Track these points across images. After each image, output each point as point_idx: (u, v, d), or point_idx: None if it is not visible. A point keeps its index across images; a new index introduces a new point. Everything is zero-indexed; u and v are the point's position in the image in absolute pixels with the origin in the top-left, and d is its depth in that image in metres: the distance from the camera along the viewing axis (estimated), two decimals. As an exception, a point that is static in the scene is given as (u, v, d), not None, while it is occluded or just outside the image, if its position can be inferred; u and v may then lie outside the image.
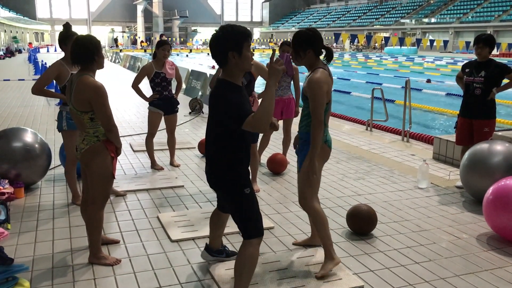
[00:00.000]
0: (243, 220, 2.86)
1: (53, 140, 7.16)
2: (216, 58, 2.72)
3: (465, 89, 5.40)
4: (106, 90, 3.32)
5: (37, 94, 4.38)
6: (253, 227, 2.85)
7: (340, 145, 7.51)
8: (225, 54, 2.65)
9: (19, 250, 3.72)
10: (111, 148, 3.40)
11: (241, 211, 2.86)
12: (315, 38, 3.25)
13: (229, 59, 2.66)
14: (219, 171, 2.84)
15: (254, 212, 2.87)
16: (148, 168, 6.10)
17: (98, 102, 3.26)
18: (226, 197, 2.96)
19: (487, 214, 4.07)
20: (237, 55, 2.65)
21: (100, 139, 3.36)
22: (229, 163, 2.80)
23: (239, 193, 2.82)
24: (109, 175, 3.41)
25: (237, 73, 2.73)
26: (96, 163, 3.36)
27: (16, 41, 46.41)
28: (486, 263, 3.62)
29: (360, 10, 68.81)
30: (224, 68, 2.72)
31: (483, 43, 5.17)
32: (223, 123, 2.72)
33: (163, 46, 5.75)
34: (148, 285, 3.24)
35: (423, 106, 13.13)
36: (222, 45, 2.65)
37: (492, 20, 47.26)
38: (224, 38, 2.65)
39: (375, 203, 4.86)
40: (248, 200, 2.84)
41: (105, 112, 3.28)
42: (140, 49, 51.06)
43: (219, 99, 2.70)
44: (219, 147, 2.79)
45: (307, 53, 3.25)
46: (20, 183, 4.94)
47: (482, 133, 5.25)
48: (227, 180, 2.83)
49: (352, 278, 3.33)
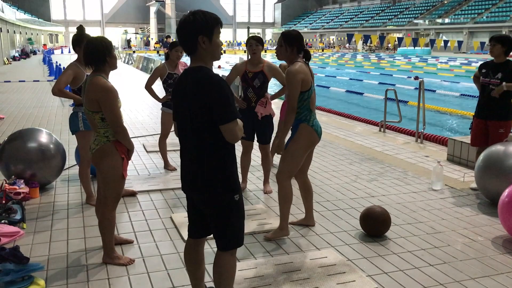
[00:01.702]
0: (226, 229, 2.59)
1: (67, 141, 7.22)
2: (184, 44, 2.51)
3: (481, 90, 5.34)
4: (116, 91, 3.34)
5: (58, 95, 4.41)
6: (235, 238, 2.62)
7: (353, 146, 7.48)
8: (194, 38, 2.46)
9: (34, 249, 3.77)
10: (122, 149, 3.40)
11: (227, 220, 2.58)
12: (300, 37, 3.84)
13: (199, 44, 2.46)
14: (209, 172, 2.52)
15: (240, 223, 2.64)
16: (161, 168, 6.13)
17: (106, 103, 3.28)
18: (210, 202, 2.59)
19: (502, 217, 4.02)
20: (207, 40, 2.46)
21: (110, 140, 3.37)
22: (220, 161, 2.52)
23: (228, 199, 2.55)
24: (119, 176, 3.41)
25: (207, 61, 2.53)
26: (106, 163, 3.37)
27: (31, 42, 46.94)
28: (502, 266, 3.57)
29: (373, 11, 68.41)
30: (194, 55, 2.51)
31: (494, 40, 5.11)
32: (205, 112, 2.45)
33: (176, 47, 5.77)
34: (161, 285, 3.25)
35: (437, 107, 13.02)
36: (192, 28, 2.45)
37: (507, 20, 46.63)
38: (194, 21, 2.45)
39: (388, 204, 4.83)
40: (237, 208, 2.59)
41: (113, 113, 3.30)
42: (153, 50, 51.33)
43: (208, 85, 2.42)
44: (205, 143, 2.49)
45: (293, 48, 3.79)
46: (35, 183, 4.99)
47: (497, 134, 5.19)
48: (217, 182, 2.52)
49: (366, 280, 3.31)
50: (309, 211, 4.26)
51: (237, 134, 2.46)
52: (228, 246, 2.62)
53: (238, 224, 2.62)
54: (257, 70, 4.85)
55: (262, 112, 4.93)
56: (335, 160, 6.58)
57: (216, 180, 2.53)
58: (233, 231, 2.61)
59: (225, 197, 2.55)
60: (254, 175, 5.79)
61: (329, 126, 8.99)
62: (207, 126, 2.47)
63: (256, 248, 3.84)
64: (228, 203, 2.56)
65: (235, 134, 2.45)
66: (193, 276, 2.88)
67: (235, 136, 2.46)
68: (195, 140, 2.52)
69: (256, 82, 4.86)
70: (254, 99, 4.90)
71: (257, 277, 3.32)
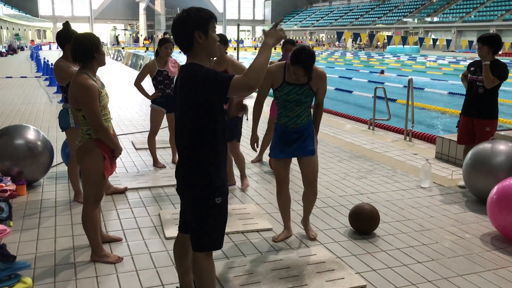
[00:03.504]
0: (200, 230, 2.53)
1: (55, 138, 7.15)
2: (180, 42, 2.48)
3: (468, 87, 5.39)
4: (95, 90, 3.27)
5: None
6: (212, 241, 2.55)
7: (343, 144, 7.50)
8: (190, 34, 2.42)
9: (21, 248, 3.72)
10: (104, 148, 3.36)
11: (205, 222, 2.51)
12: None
13: (195, 40, 2.43)
14: (189, 170, 2.51)
15: (221, 226, 2.57)
16: (150, 166, 6.10)
17: (84, 101, 3.24)
18: (189, 200, 2.56)
19: (491, 214, 4.06)
20: (203, 36, 2.43)
21: (92, 138, 3.34)
22: (201, 161, 2.48)
23: (208, 200, 2.49)
24: (99, 174, 3.37)
25: (204, 57, 2.49)
26: (86, 161, 3.34)
27: (18, 38, 46.44)
28: (489, 263, 3.61)
29: (363, 9, 68.70)
30: (190, 52, 2.48)
31: (481, 42, 5.14)
32: (197, 106, 2.42)
33: (165, 44, 5.75)
34: (150, 283, 3.23)
35: (426, 106, 13.11)
36: (187, 24, 2.42)
37: (495, 19, 47.13)
38: (188, 18, 2.43)
39: (377, 202, 4.85)
40: (216, 212, 2.52)
41: (90, 112, 3.25)
42: (142, 47, 51.04)
43: (192, 78, 2.40)
44: (194, 139, 2.48)
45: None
46: (22, 180, 4.94)
47: (483, 133, 5.23)
48: (196, 181, 2.49)
49: (355, 277, 3.33)
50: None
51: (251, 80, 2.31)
52: (201, 248, 2.55)
53: (215, 227, 2.54)
54: (221, 69, 4.65)
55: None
56: (325, 158, 6.59)
57: (196, 180, 2.50)
58: (207, 234, 2.53)
59: (204, 198, 2.49)
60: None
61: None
62: (192, 124, 2.46)
63: (246, 245, 3.84)
64: (206, 205, 2.49)
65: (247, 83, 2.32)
66: (179, 270, 2.91)
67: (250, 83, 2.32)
68: (185, 137, 2.52)
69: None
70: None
71: (247, 275, 3.32)
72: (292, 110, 3.64)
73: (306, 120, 3.68)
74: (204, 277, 2.59)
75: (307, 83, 3.58)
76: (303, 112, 3.66)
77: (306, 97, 3.62)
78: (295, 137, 3.69)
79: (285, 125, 3.69)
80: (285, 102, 3.64)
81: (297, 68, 3.47)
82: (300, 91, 3.60)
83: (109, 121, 3.46)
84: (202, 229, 2.53)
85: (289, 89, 3.60)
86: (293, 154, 3.74)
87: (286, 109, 3.65)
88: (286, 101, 3.64)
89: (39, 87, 15.08)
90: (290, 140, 3.69)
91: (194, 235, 2.56)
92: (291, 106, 3.63)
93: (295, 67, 3.48)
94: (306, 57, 3.43)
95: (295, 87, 3.59)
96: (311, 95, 3.65)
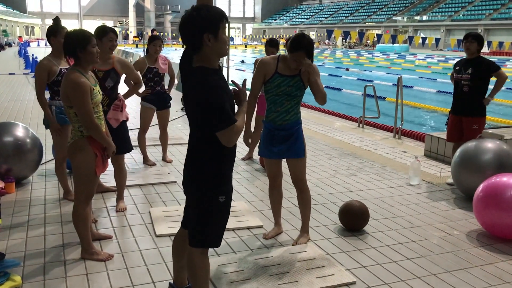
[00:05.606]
0: (203, 227, 2.52)
1: (44, 135, 7.10)
2: (188, 42, 2.40)
3: (454, 86, 5.46)
4: (87, 87, 3.23)
5: (40, 101, 4.30)
6: (210, 238, 2.55)
7: (332, 141, 7.54)
8: (199, 36, 2.33)
9: (10, 245, 3.70)
10: (96, 145, 3.35)
11: (205, 218, 2.51)
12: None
13: (204, 42, 2.34)
14: (194, 166, 2.51)
15: (221, 225, 2.57)
16: (140, 163, 6.08)
17: (75, 99, 3.22)
18: (193, 197, 2.56)
19: (477, 211, 4.11)
20: (213, 38, 2.35)
21: (84, 135, 3.32)
22: (207, 159, 2.47)
23: (212, 197, 2.48)
24: (91, 172, 3.35)
25: (213, 59, 2.42)
26: (78, 158, 3.32)
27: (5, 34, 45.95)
28: (476, 259, 3.65)
29: (353, 7, 68.89)
30: (198, 53, 2.40)
31: (472, 38, 5.25)
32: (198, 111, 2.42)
33: (154, 41, 5.73)
34: (140, 281, 3.23)
35: (415, 104, 13.20)
36: (195, 26, 2.33)
37: (483, 18, 47.55)
38: (198, 18, 2.32)
39: (367, 199, 4.89)
40: (218, 210, 2.52)
41: (82, 110, 3.22)
42: (131, 44, 50.72)
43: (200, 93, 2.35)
44: (202, 137, 2.47)
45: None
46: (11, 178, 4.90)
47: (471, 131, 5.30)
48: (204, 175, 2.48)
49: (345, 274, 3.35)
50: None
51: (232, 139, 2.40)
52: (197, 244, 2.55)
53: (214, 225, 2.54)
54: (107, 68, 4.35)
55: (119, 117, 4.37)
56: (314, 155, 6.62)
57: (201, 177, 2.49)
58: (206, 231, 2.53)
59: (208, 195, 2.49)
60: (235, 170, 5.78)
61: (308, 122, 9.04)
62: (200, 123, 2.45)
63: (236, 243, 3.85)
64: (210, 202, 2.49)
65: (229, 140, 2.40)
66: (175, 265, 2.90)
67: (229, 142, 2.41)
68: (193, 134, 2.53)
69: (109, 82, 4.34)
70: (106, 102, 4.28)
71: (237, 272, 3.33)
72: (282, 105, 3.63)
73: (294, 118, 3.67)
74: (198, 274, 2.58)
75: (299, 74, 3.60)
76: (292, 108, 3.64)
77: (297, 90, 3.61)
78: (283, 134, 3.67)
79: (273, 121, 3.69)
80: (275, 96, 3.64)
81: (298, 55, 3.48)
82: (291, 82, 3.59)
83: (101, 119, 3.44)
84: (201, 225, 2.52)
85: (280, 80, 3.60)
86: (281, 156, 3.74)
87: (276, 103, 3.65)
88: (276, 95, 3.63)
89: (27, 83, 14.93)
90: (278, 138, 3.68)
91: (192, 230, 2.56)
92: (281, 100, 3.63)
93: (295, 54, 3.48)
94: (307, 43, 3.49)
95: (286, 78, 3.60)
96: (301, 88, 3.63)
